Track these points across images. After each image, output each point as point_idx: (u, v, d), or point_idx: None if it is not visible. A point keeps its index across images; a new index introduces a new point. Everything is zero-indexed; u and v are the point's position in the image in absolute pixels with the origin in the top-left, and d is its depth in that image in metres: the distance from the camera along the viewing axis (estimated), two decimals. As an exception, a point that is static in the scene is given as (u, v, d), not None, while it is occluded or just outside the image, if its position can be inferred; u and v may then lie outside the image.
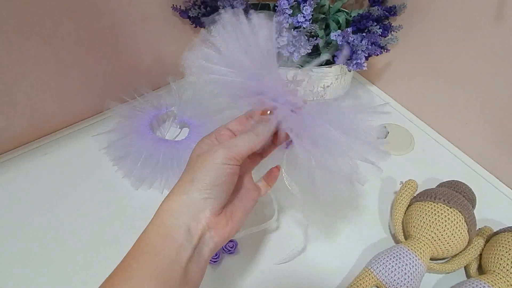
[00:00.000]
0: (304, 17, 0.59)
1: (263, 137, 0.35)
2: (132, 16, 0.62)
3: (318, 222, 0.54)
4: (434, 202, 0.48)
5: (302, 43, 0.59)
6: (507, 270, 0.43)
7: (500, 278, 0.43)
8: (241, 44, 0.36)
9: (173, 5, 0.64)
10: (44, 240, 0.52)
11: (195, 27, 0.65)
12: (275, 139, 0.38)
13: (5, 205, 0.56)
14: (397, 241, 0.51)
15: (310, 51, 0.60)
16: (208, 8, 0.63)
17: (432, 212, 0.47)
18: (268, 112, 0.36)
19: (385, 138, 0.68)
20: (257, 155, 0.41)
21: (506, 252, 0.44)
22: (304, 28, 0.59)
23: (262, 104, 0.36)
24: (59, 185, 0.59)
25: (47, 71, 0.59)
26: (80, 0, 0.55)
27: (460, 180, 0.54)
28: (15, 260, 0.50)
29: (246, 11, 0.63)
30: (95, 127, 0.67)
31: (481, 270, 0.48)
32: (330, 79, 0.66)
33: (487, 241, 0.49)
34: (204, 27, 0.65)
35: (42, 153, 0.63)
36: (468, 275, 0.49)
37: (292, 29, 0.60)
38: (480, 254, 0.49)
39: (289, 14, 0.59)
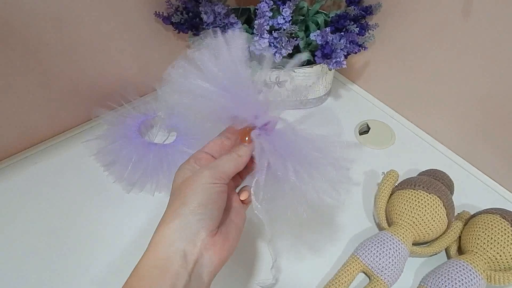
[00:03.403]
0: (284, 18, 0.62)
1: (246, 157, 0.36)
2: (116, 24, 0.63)
3: (308, 216, 0.55)
4: (414, 190, 0.50)
5: (283, 44, 0.61)
6: (484, 248, 0.46)
7: (478, 257, 0.46)
8: (217, 60, 0.36)
9: (156, 11, 0.65)
10: (37, 248, 0.52)
11: (178, 32, 0.66)
12: (250, 162, 0.38)
13: (-3, 215, 0.56)
14: (381, 229, 0.53)
15: (291, 51, 0.62)
16: (190, 14, 0.64)
17: (412, 199, 0.50)
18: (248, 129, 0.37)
19: (367, 133, 0.70)
20: (237, 175, 0.40)
21: (483, 232, 0.47)
22: (284, 29, 0.61)
23: (238, 125, 0.36)
24: (50, 193, 0.59)
25: (34, 81, 0.60)
26: (64, 10, 0.56)
27: (438, 169, 0.57)
28: (8, 268, 0.50)
29: (227, 15, 0.66)
30: (84, 135, 0.68)
31: (460, 251, 0.51)
32: (312, 79, 0.68)
33: (465, 224, 0.52)
34: (187, 33, 0.67)
35: (32, 163, 0.64)
36: (448, 257, 0.52)
37: (273, 31, 0.62)
38: (460, 237, 0.51)
39: (269, 17, 0.61)
